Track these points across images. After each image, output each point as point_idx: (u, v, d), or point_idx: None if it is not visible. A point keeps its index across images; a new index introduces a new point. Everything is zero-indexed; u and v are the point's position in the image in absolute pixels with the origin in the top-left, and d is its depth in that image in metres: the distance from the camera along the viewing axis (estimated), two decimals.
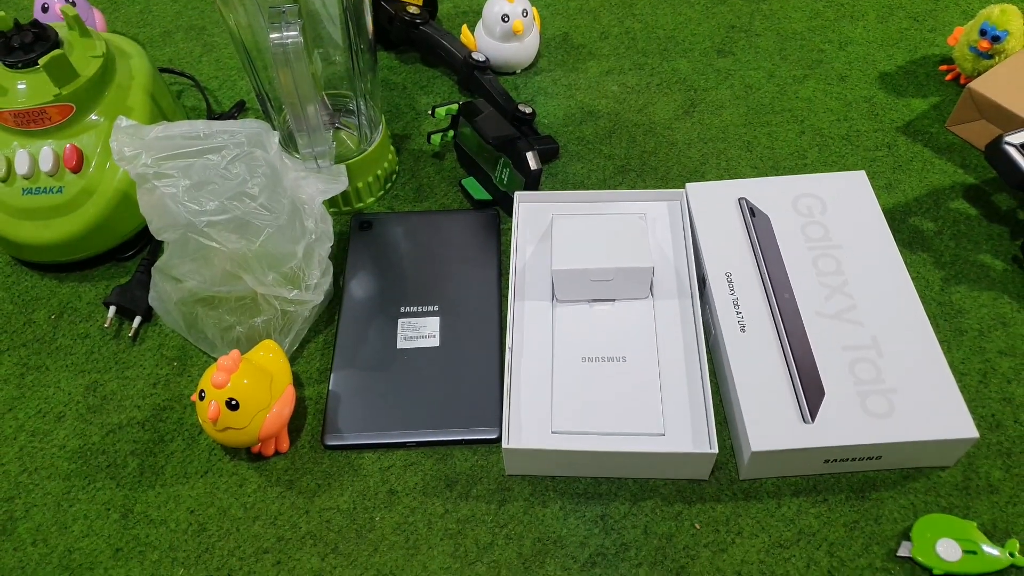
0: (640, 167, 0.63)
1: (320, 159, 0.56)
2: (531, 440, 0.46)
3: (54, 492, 0.48)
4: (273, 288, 0.49)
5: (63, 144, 0.55)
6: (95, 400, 0.52)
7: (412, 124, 0.68)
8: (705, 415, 0.46)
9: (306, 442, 0.49)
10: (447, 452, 0.49)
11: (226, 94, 0.71)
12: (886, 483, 0.46)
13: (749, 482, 0.47)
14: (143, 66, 0.59)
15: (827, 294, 0.50)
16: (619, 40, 0.73)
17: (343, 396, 0.50)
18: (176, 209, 0.46)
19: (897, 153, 0.63)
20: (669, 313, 0.51)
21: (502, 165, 0.59)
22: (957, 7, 0.74)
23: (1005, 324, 0.53)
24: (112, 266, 0.59)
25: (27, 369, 0.54)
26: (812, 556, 0.44)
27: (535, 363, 0.49)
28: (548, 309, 0.52)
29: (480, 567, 0.44)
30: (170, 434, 0.50)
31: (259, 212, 0.47)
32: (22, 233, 0.56)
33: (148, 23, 0.78)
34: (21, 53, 0.53)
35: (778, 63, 0.71)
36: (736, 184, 0.57)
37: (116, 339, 0.55)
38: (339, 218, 0.61)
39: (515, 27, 0.66)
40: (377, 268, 0.57)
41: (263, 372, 0.47)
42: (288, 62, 0.49)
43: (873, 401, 0.45)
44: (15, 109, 0.53)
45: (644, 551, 0.44)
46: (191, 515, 0.47)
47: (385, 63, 0.73)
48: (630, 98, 0.68)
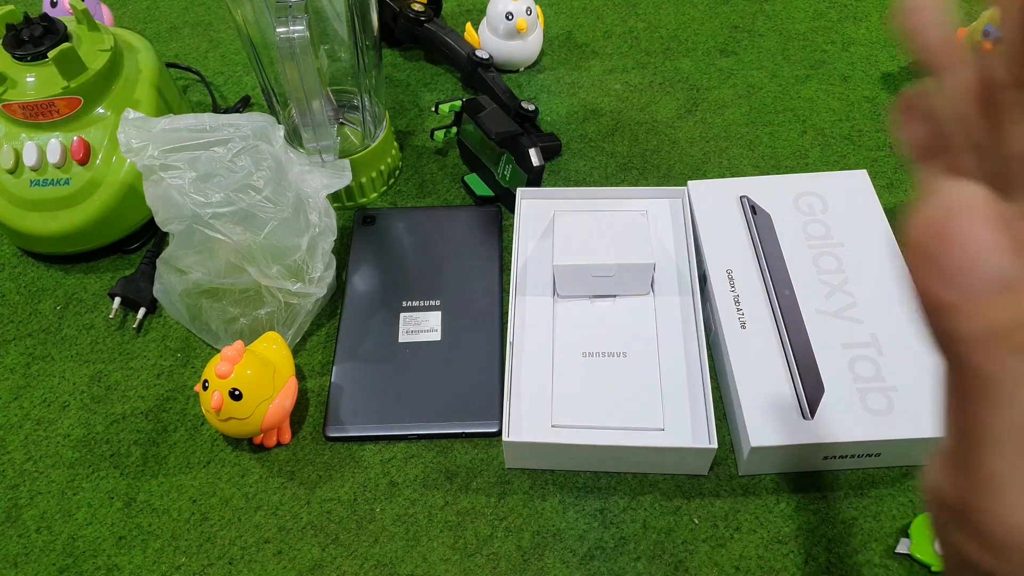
0: (642, 165, 0.63)
1: (325, 154, 0.56)
2: (531, 434, 0.46)
3: (58, 480, 0.48)
4: (277, 280, 0.50)
5: (71, 136, 0.55)
6: (99, 390, 0.52)
7: (416, 120, 0.68)
8: (705, 410, 0.46)
9: (308, 434, 0.50)
10: (448, 445, 0.49)
11: (231, 89, 0.71)
12: (885, 480, 0.46)
13: (748, 478, 0.47)
14: (150, 60, 0.60)
15: (827, 292, 0.50)
16: (622, 39, 0.74)
17: (345, 388, 0.51)
18: (182, 201, 0.46)
19: (899, 153, 0.63)
20: (670, 309, 0.51)
21: (505, 162, 0.59)
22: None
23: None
24: (117, 258, 0.60)
25: (32, 359, 0.54)
26: (810, 552, 0.44)
27: (536, 358, 0.50)
28: (549, 304, 0.52)
29: (479, 559, 0.44)
30: (173, 424, 0.51)
31: (264, 205, 0.47)
32: (29, 224, 0.56)
33: (155, 19, 0.79)
34: (30, 46, 0.54)
35: (781, 63, 0.71)
36: (738, 182, 0.57)
37: (121, 330, 0.55)
38: (342, 213, 0.61)
39: (519, 25, 0.67)
40: (380, 263, 0.57)
41: (266, 363, 0.47)
42: (294, 57, 0.49)
43: (873, 398, 0.45)
44: (24, 101, 0.54)
45: (643, 545, 0.45)
46: (193, 504, 0.47)
47: (389, 60, 0.73)
48: (633, 97, 0.69)
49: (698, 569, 0.44)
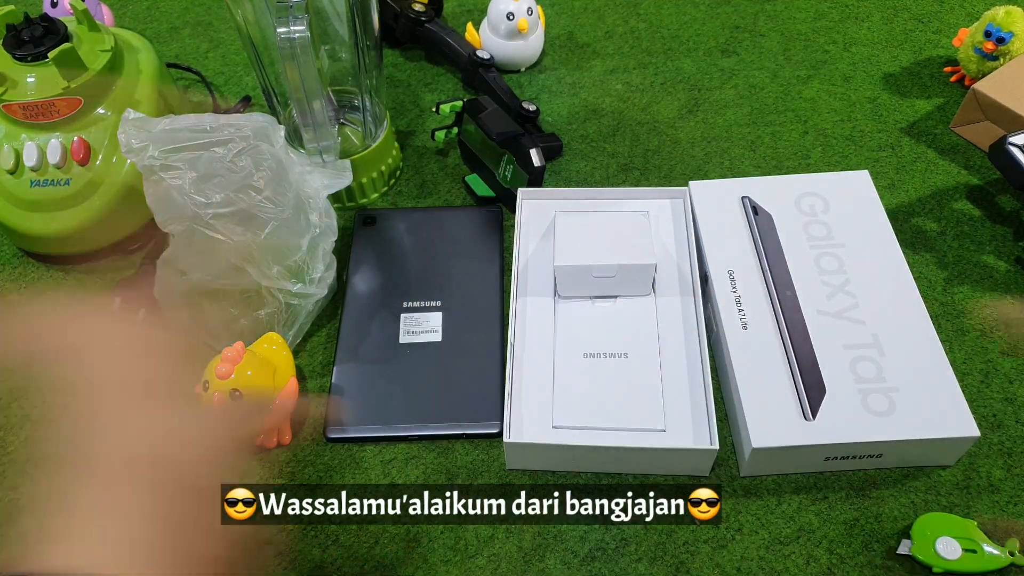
0: (643, 165, 0.63)
1: (325, 154, 0.56)
2: (532, 435, 0.46)
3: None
4: (277, 281, 0.50)
5: (71, 137, 0.55)
6: None
7: (416, 121, 0.68)
8: (706, 411, 0.46)
9: (308, 434, 0.50)
10: (448, 446, 0.49)
11: (232, 89, 0.71)
12: (887, 481, 0.46)
13: (749, 479, 0.47)
14: (150, 61, 0.60)
15: (829, 292, 0.50)
16: (623, 39, 0.74)
17: (346, 389, 0.51)
18: (182, 201, 0.46)
19: (901, 154, 0.63)
20: (671, 310, 0.51)
21: (506, 162, 0.59)
22: (962, 9, 0.74)
23: (1007, 325, 0.53)
24: (118, 258, 0.60)
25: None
26: (812, 553, 0.44)
27: (537, 359, 0.49)
28: (550, 305, 0.52)
29: (480, 560, 0.44)
30: None
31: (264, 205, 0.47)
32: (29, 225, 0.56)
33: (155, 19, 0.78)
34: (31, 46, 0.54)
35: (782, 63, 0.71)
36: (739, 183, 0.57)
37: None
38: (343, 213, 0.61)
39: (520, 25, 0.67)
40: (380, 263, 0.57)
41: (267, 364, 0.47)
42: (295, 57, 0.49)
43: (874, 399, 0.45)
44: (24, 102, 0.53)
45: (644, 546, 0.44)
46: None
47: (390, 60, 0.73)
48: (634, 97, 0.69)
49: (699, 570, 0.44)
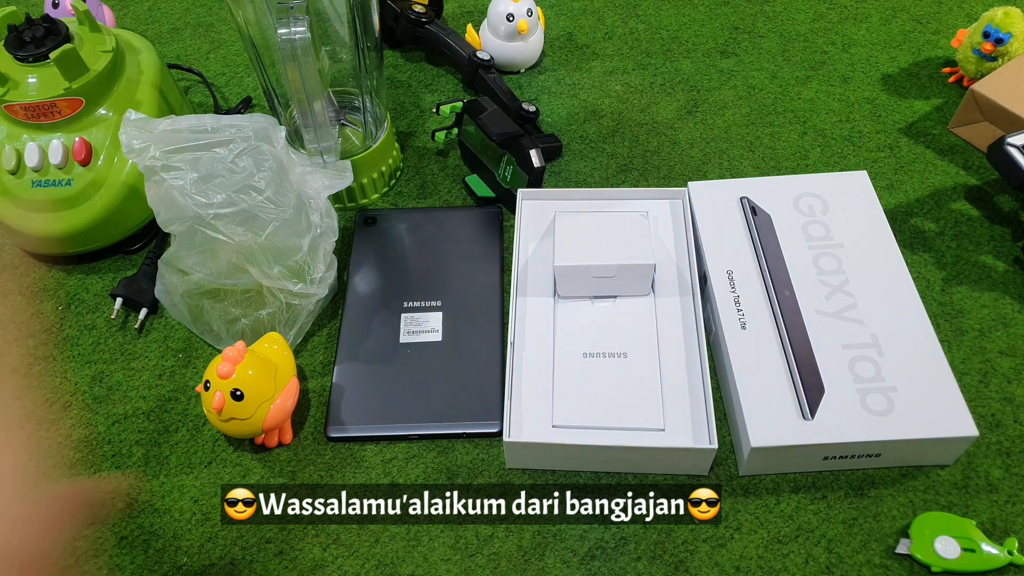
0: (643, 166, 0.64)
1: (326, 154, 0.56)
2: (532, 434, 0.47)
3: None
4: (278, 281, 0.50)
5: (72, 137, 0.55)
6: (101, 390, 0.52)
7: (417, 121, 0.68)
8: (705, 411, 0.47)
9: (309, 434, 0.50)
10: (448, 445, 0.49)
11: (233, 90, 0.72)
12: (885, 481, 0.47)
13: (748, 478, 0.47)
14: (152, 61, 0.60)
15: (828, 292, 0.50)
16: (623, 40, 0.74)
17: (346, 389, 0.51)
18: (183, 201, 0.46)
19: (899, 154, 0.63)
20: (670, 310, 0.52)
21: (506, 163, 0.59)
22: (960, 9, 0.75)
23: (1006, 325, 0.53)
24: (119, 258, 0.60)
25: (34, 359, 0.54)
26: (810, 552, 0.44)
27: (536, 358, 0.50)
28: (550, 305, 0.52)
29: (480, 559, 0.44)
30: (175, 425, 0.51)
31: (266, 205, 0.48)
32: (31, 225, 0.56)
33: (157, 20, 0.79)
34: (32, 47, 0.54)
35: (781, 64, 0.71)
36: (738, 183, 0.57)
37: (122, 331, 0.56)
38: (344, 213, 0.61)
39: (520, 26, 0.67)
40: (381, 263, 0.57)
41: (268, 363, 0.47)
42: (296, 57, 0.49)
43: (873, 399, 0.45)
44: (25, 102, 0.54)
45: (643, 545, 0.45)
46: (195, 504, 0.47)
47: (391, 61, 0.73)
48: (633, 98, 0.69)
49: (698, 569, 0.44)
